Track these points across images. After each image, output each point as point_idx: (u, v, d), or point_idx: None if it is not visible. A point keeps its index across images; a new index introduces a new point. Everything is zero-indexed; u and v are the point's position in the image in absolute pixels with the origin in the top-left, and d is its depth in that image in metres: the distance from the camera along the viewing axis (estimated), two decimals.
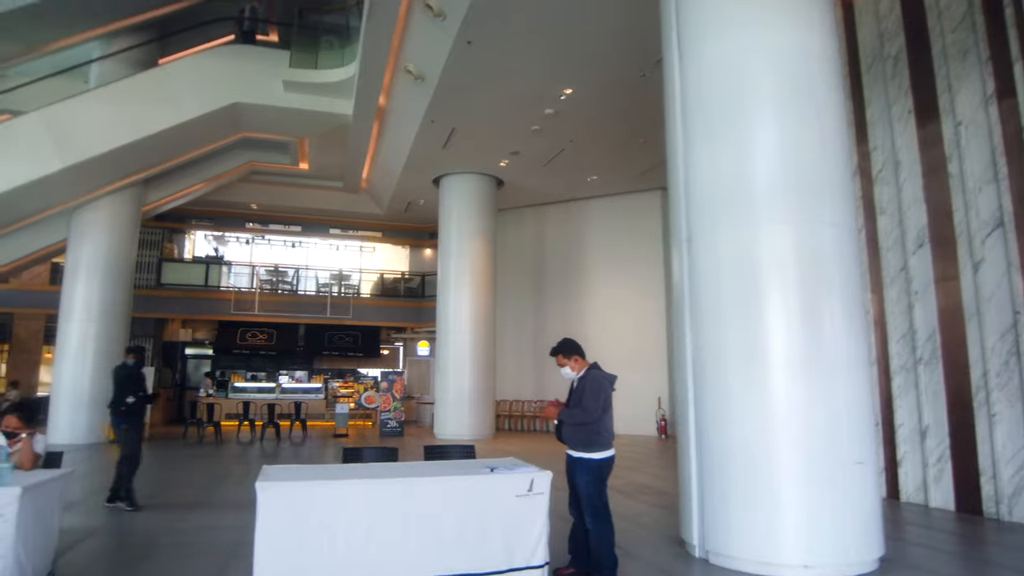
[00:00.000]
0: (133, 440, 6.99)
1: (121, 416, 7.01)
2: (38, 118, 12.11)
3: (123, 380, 7.12)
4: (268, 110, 13.25)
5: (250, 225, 19.90)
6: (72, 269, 13.43)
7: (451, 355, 14.47)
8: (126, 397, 6.99)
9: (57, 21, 13.03)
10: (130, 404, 7.00)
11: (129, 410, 7.01)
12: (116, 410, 7.06)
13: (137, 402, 7.07)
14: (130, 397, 7.00)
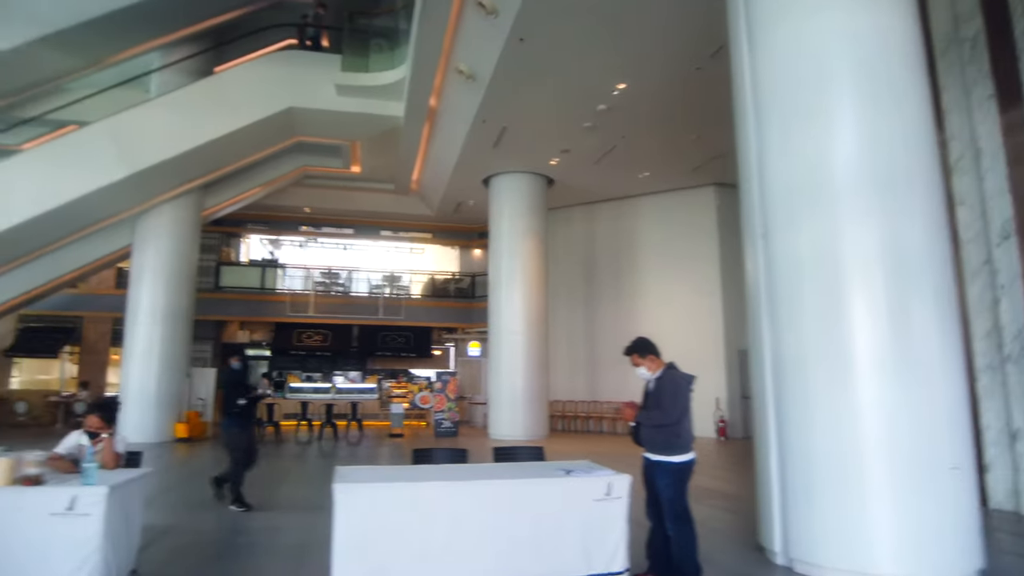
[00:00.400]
0: (246, 441, 6.94)
1: (232, 419, 6.96)
2: (103, 128, 12.53)
3: (231, 383, 7.13)
4: (321, 114, 13.42)
5: (303, 228, 20.27)
6: (137, 274, 13.86)
7: (504, 355, 14.44)
8: (236, 400, 6.94)
9: (119, 34, 13.43)
10: (241, 406, 6.94)
11: (241, 412, 6.96)
12: (227, 413, 7.02)
13: (248, 404, 7.05)
14: (241, 399, 6.93)
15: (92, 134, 12.48)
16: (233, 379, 7.19)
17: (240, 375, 7.25)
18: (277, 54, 13.69)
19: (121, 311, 14.22)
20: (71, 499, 3.46)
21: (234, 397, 6.95)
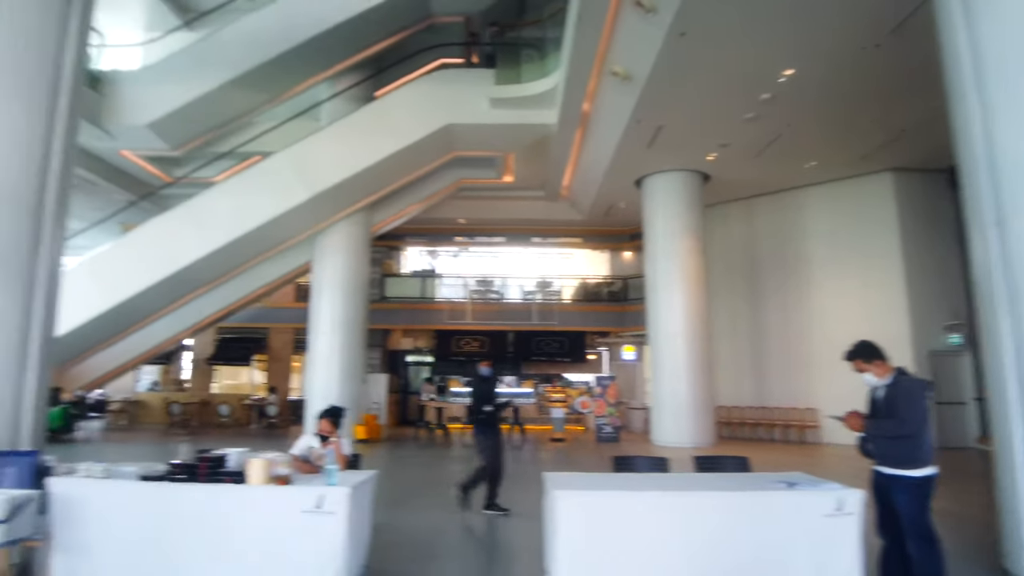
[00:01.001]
0: (492, 450, 6.78)
1: (480, 425, 6.86)
2: (285, 157, 13.75)
3: (479, 389, 7.01)
4: (476, 128, 13.87)
5: (458, 239, 21.04)
6: (317, 288, 15.04)
7: (665, 359, 14.11)
8: (482, 406, 6.80)
9: (293, 70, 14.65)
10: (488, 413, 6.80)
11: (488, 419, 6.82)
12: (475, 419, 6.93)
13: (495, 410, 6.88)
14: (487, 406, 6.78)
15: (276, 163, 13.73)
16: (480, 385, 7.02)
17: (488, 382, 7.05)
18: (432, 75, 14.32)
19: (301, 322, 15.52)
20: (319, 498, 3.77)
21: (481, 404, 6.82)
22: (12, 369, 4.55)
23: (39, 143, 4.80)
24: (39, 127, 4.80)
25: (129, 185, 16.26)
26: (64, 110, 5.05)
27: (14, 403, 4.57)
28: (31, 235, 4.72)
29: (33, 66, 4.79)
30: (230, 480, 3.91)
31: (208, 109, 14.15)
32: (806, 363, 14.73)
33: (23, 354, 4.63)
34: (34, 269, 4.74)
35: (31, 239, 4.72)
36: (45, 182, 4.83)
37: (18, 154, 4.66)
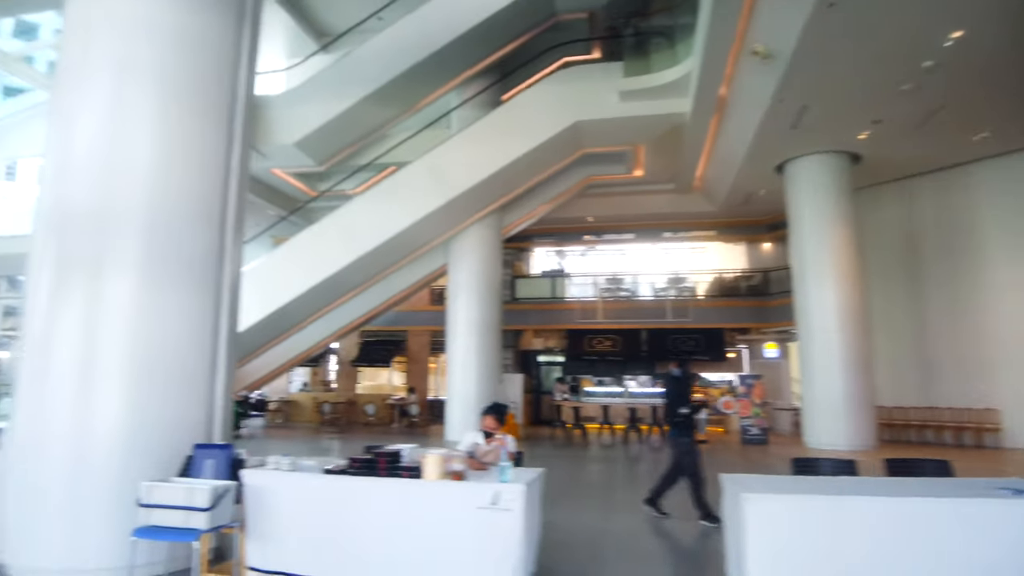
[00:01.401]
0: (690, 455, 6.44)
1: (676, 429, 6.55)
2: (420, 165, 14.20)
3: (672, 390, 6.70)
4: (606, 123, 13.66)
5: (586, 237, 20.87)
6: (454, 291, 15.43)
7: (816, 356, 13.21)
8: (677, 408, 6.50)
9: (425, 80, 15.10)
10: (684, 415, 6.50)
11: (683, 422, 6.51)
12: (671, 423, 6.65)
13: (691, 412, 6.58)
14: (683, 408, 6.49)
15: (412, 172, 14.22)
16: (674, 387, 6.69)
17: (682, 383, 6.72)
18: (558, 73, 14.26)
19: (436, 324, 15.98)
20: (495, 495, 3.75)
21: (676, 406, 6.51)
22: (206, 368, 4.93)
23: (222, 161, 5.19)
24: (221, 146, 5.20)
25: (279, 201, 17.49)
26: (239, 130, 5.43)
27: (208, 399, 4.95)
28: (218, 247, 5.11)
29: (215, 88, 5.19)
30: (407, 475, 4.00)
31: (348, 125, 14.91)
32: (983, 361, 13.27)
33: (214, 355, 5.01)
34: (220, 278, 5.13)
35: (218, 250, 5.10)
36: (227, 197, 5.21)
37: (208, 172, 5.06)
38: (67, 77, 5.04)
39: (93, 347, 4.60)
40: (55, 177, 4.91)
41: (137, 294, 4.69)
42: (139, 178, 4.81)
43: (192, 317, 4.89)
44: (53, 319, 4.66)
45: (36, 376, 4.64)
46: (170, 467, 4.51)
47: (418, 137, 16.02)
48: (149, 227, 4.77)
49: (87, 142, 4.86)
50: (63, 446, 4.49)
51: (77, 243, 4.72)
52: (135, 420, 4.57)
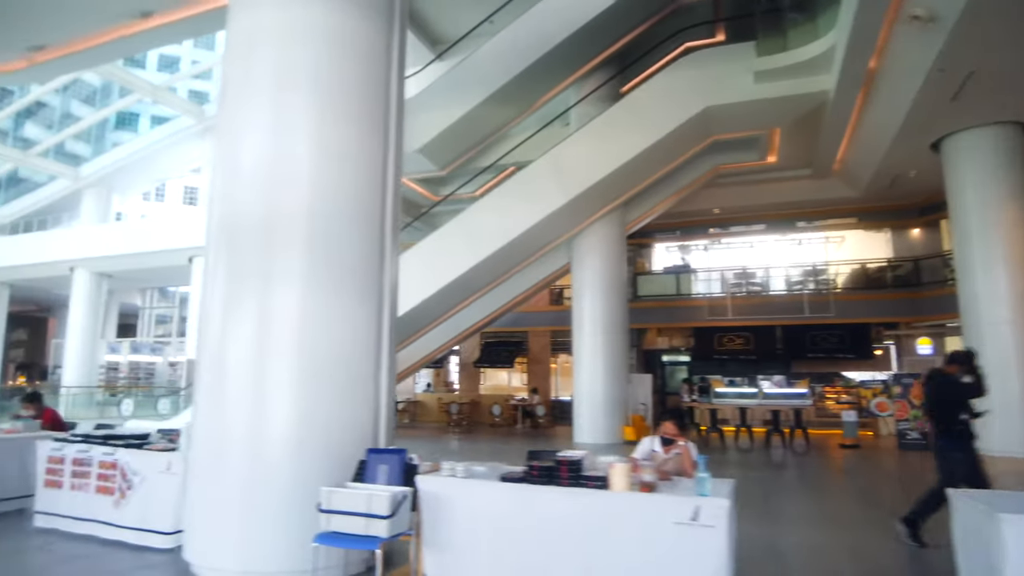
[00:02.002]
0: (970, 467, 5.46)
1: (951, 439, 5.55)
2: (541, 164, 14.00)
3: (946, 393, 5.72)
4: (738, 107, 12.91)
5: (712, 231, 19.94)
6: (578, 290, 15.14)
7: (987, 351, 11.67)
8: (958, 414, 5.54)
9: (542, 79, 14.90)
10: (964, 422, 5.54)
11: (964, 430, 5.53)
12: (945, 431, 5.62)
13: (971, 419, 5.57)
14: (963, 414, 5.53)
15: (533, 171, 14.04)
16: (947, 389, 5.75)
17: (957, 386, 5.69)
18: (684, 60, 13.63)
19: (557, 325, 15.73)
20: (695, 509, 3.41)
21: (953, 411, 5.58)
22: (371, 372, 4.91)
23: (379, 165, 5.17)
24: (378, 150, 5.18)
25: (404, 207, 17.86)
26: (394, 133, 5.40)
27: (374, 403, 4.93)
28: (378, 251, 5.09)
29: (369, 91, 5.18)
30: (593, 485, 3.72)
31: (468, 128, 14.98)
32: None
33: (378, 358, 4.98)
34: (382, 282, 5.10)
35: (378, 255, 5.08)
36: (385, 202, 5.17)
37: (366, 177, 5.05)
38: (232, 93, 5.17)
39: (265, 354, 4.66)
40: (224, 191, 5.05)
41: (304, 301, 4.72)
42: (301, 187, 4.85)
43: (356, 321, 4.87)
44: (226, 329, 4.77)
45: (213, 384, 4.77)
46: (341, 471, 4.49)
47: (537, 136, 15.86)
48: (313, 235, 4.79)
49: (252, 154, 4.96)
50: (240, 451, 4.57)
51: (246, 254, 4.81)
52: (306, 425, 4.59)
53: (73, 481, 5.56)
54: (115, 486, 5.33)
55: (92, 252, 24.19)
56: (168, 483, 5.09)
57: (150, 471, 5.20)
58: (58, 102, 32.94)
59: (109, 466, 5.39)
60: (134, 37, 10.61)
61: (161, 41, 12.06)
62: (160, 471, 5.15)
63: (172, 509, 5.06)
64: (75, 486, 5.54)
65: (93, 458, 5.49)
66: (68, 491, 5.58)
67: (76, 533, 5.48)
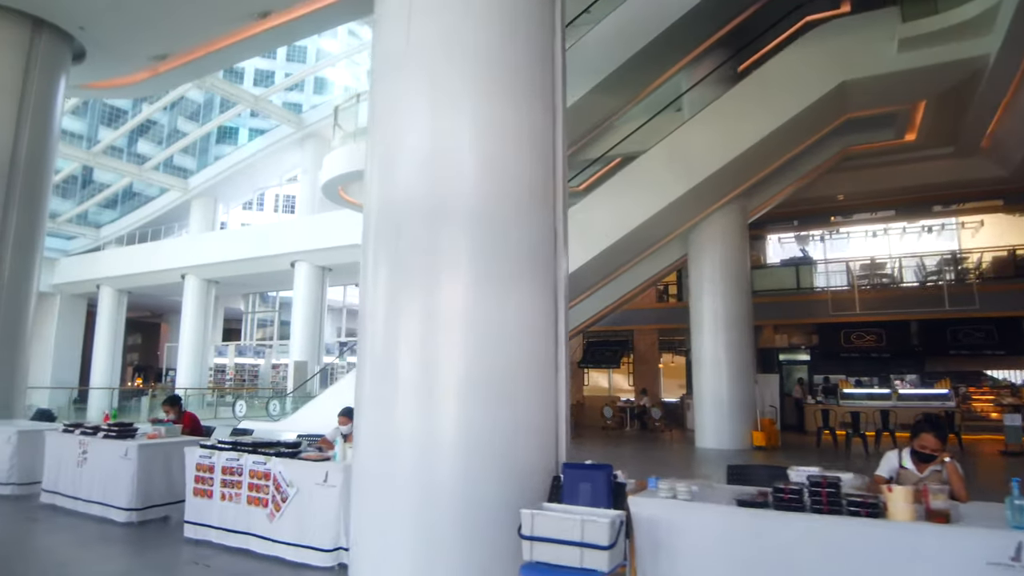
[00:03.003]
0: None
1: None
2: (658, 152, 13.17)
3: None
4: (879, 80, 11.70)
5: (834, 219, 18.50)
6: (696, 285, 14.25)
7: None
8: None
9: (652, 64, 14.07)
10: None
11: None
12: None
13: None
14: None
15: (649, 161, 13.23)
16: None
17: None
18: (816, 31, 12.49)
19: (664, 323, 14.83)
20: (1017, 546, 2.64)
21: None
22: (550, 371, 4.38)
23: (548, 142, 4.67)
24: (547, 126, 4.67)
25: None
26: (560, 106, 4.86)
27: (555, 408, 4.38)
28: (551, 237, 4.57)
29: (535, 62, 4.68)
30: (865, 513, 3.01)
31: (575, 119, 14.31)
32: None
33: (556, 357, 4.42)
34: (556, 270, 4.54)
35: (551, 241, 4.57)
36: (556, 180, 4.63)
37: (536, 155, 4.54)
38: (386, 69, 4.76)
39: (432, 356, 4.19)
40: (381, 178, 4.63)
41: (474, 296, 4.22)
42: (466, 167, 4.35)
43: (532, 317, 4.33)
44: (391, 330, 4.33)
45: (377, 391, 4.34)
46: (526, 488, 3.96)
47: (647, 125, 15.04)
48: (481, 220, 4.29)
49: (411, 135, 4.51)
50: (410, 466, 4.10)
51: (408, 245, 4.36)
52: (484, 436, 4.07)
53: (223, 491, 5.29)
54: (268, 497, 5.01)
55: (201, 259, 25.15)
56: (326, 496, 4.71)
57: (306, 482, 4.84)
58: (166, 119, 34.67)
59: (261, 476, 5.08)
60: (252, 39, 10.56)
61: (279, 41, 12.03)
62: (317, 483, 4.77)
63: (331, 524, 4.67)
64: (225, 496, 5.27)
65: (244, 467, 5.20)
66: (218, 501, 5.31)
67: (228, 546, 5.20)
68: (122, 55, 10.65)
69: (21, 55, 9.23)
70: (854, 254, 18.37)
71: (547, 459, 4.23)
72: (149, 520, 6.13)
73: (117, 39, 10.15)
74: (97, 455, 6.44)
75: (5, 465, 7.36)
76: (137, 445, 6.06)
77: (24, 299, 9.21)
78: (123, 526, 5.98)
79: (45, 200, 9.66)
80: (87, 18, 9.55)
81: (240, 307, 32.90)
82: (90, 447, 6.53)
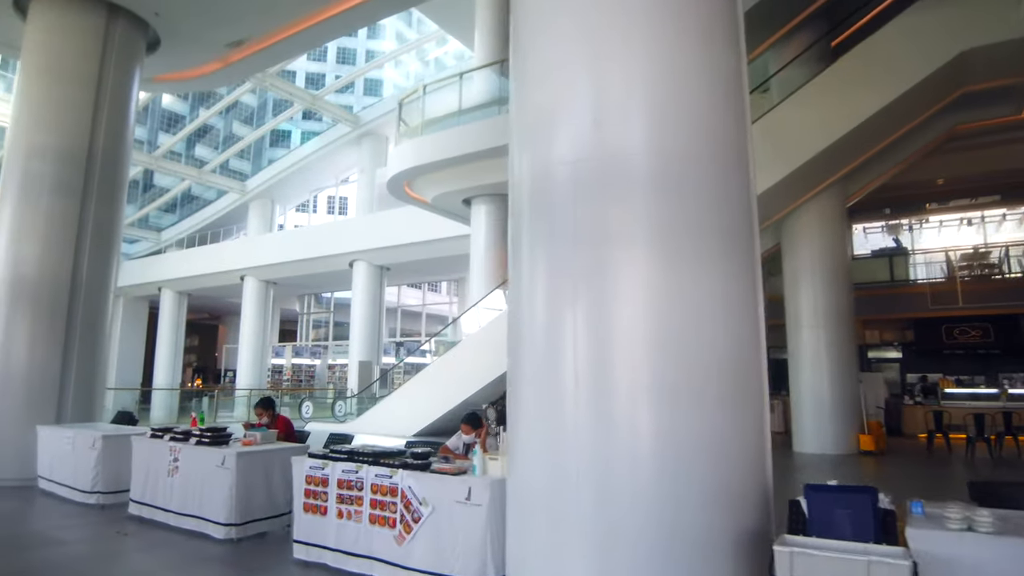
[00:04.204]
0: None
1: None
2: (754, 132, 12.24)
3: None
4: (1004, 48, 10.52)
5: (929, 206, 17.21)
6: (791, 277, 13.25)
7: None
8: None
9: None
10: None
11: None
12: None
13: None
14: None
15: None
16: None
17: None
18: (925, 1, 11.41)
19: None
20: None
21: None
22: (755, 371, 3.61)
23: (736, 88, 3.94)
24: (734, 68, 3.94)
25: None
26: (744, 46, 4.10)
27: (760, 417, 3.60)
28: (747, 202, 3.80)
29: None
30: None
31: None
32: None
33: (758, 352, 3.66)
34: (753, 245, 3.78)
35: (748, 207, 3.80)
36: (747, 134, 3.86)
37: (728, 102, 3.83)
38: (531, 19, 4.06)
39: (610, 355, 3.47)
40: (533, 150, 3.93)
41: (658, 278, 3.49)
42: (642, 123, 3.62)
43: (729, 303, 3.57)
44: (554, 328, 3.65)
45: (541, 397, 3.66)
46: (737, 515, 3.21)
47: None
48: (664, 186, 3.55)
49: (570, 92, 3.79)
50: (586, 487, 3.40)
51: (571, 225, 3.65)
52: (681, 447, 3.33)
53: (340, 507, 4.65)
54: (395, 516, 4.35)
55: (260, 260, 25.08)
56: (469, 517, 4.01)
57: (443, 500, 4.15)
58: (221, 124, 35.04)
59: (386, 491, 4.42)
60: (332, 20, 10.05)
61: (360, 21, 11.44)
62: (457, 500, 4.08)
63: (477, 551, 3.96)
64: (343, 513, 4.63)
65: (364, 480, 4.55)
66: (334, 519, 4.68)
67: (348, 571, 4.56)
68: (197, 43, 10.24)
69: (97, 43, 8.86)
70: (950, 243, 17.05)
71: (758, 477, 3.46)
72: (248, 537, 5.55)
73: (193, 25, 9.72)
74: (190, 463, 5.90)
75: (90, 473, 6.90)
76: (235, 453, 5.48)
77: (103, 297, 8.84)
78: (222, 543, 5.42)
79: (123, 193, 9.28)
80: (163, 3, 9.15)
81: (295, 308, 32.92)
82: (182, 455, 6.00)
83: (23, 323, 8.19)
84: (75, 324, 8.41)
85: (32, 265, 8.27)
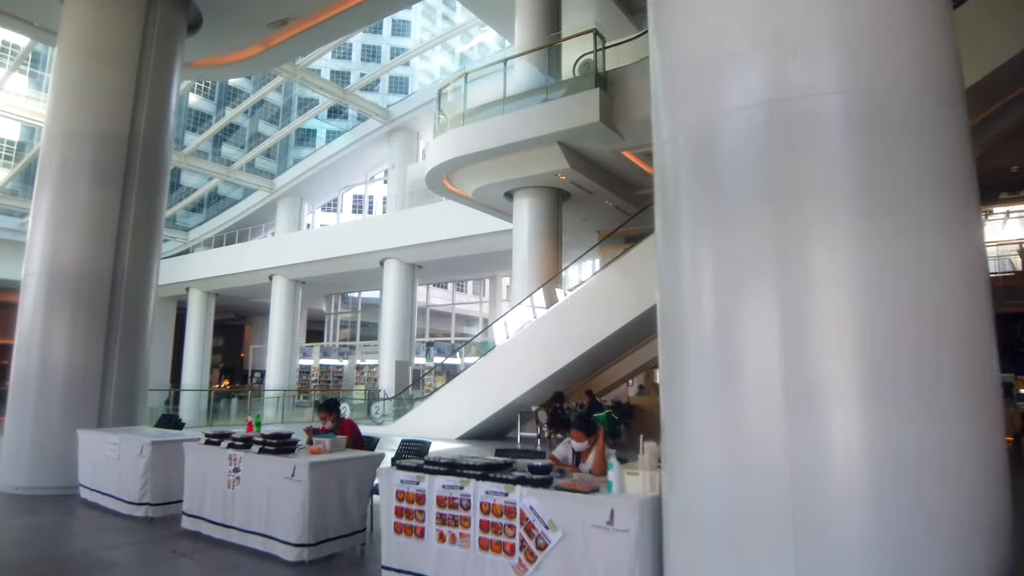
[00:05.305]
0: None
1: None
2: None
3: None
4: None
5: (1003, 196, 16.22)
6: None
7: None
8: None
9: None
10: None
11: None
12: None
13: None
14: None
15: None
16: None
17: None
18: None
19: None
20: None
21: None
22: (988, 362, 2.85)
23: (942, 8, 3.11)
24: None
25: (622, 190, 15.92)
26: None
27: (996, 415, 2.85)
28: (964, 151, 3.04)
29: None
30: None
31: None
32: None
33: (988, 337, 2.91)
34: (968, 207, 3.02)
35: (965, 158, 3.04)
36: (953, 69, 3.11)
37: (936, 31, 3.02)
38: None
39: (807, 345, 2.77)
40: (687, 95, 3.25)
41: (867, 246, 2.77)
42: (832, 47, 2.91)
43: (958, 278, 2.84)
44: (727, 311, 2.97)
45: (712, 400, 2.97)
46: (990, 549, 2.48)
47: None
48: (866, 126, 2.85)
49: (733, 20, 3.10)
50: (776, 505, 2.70)
51: (744, 182, 2.97)
52: (911, 461, 2.61)
53: (441, 529, 3.97)
54: (514, 542, 3.65)
55: (290, 259, 24.60)
56: (612, 545, 3.30)
57: (575, 524, 3.45)
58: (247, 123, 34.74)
59: (500, 511, 3.73)
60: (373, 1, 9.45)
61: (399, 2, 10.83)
62: (595, 525, 3.38)
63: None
64: (445, 536, 3.95)
65: (471, 497, 3.87)
66: (434, 543, 3.99)
67: None
68: (239, 23, 9.68)
69: (138, 21, 8.29)
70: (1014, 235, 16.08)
71: (1003, 498, 2.73)
72: (321, 559, 4.90)
73: (236, 3, 9.15)
74: (253, 474, 5.26)
75: (137, 483, 6.29)
76: (307, 463, 4.83)
77: (145, 292, 8.27)
78: (294, 567, 4.76)
79: (164, 183, 8.71)
80: None
81: (322, 308, 32.48)
82: (244, 464, 5.36)
83: (62, 318, 7.63)
84: (116, 320, 7.84)
85: (71, 257, 7.71)
